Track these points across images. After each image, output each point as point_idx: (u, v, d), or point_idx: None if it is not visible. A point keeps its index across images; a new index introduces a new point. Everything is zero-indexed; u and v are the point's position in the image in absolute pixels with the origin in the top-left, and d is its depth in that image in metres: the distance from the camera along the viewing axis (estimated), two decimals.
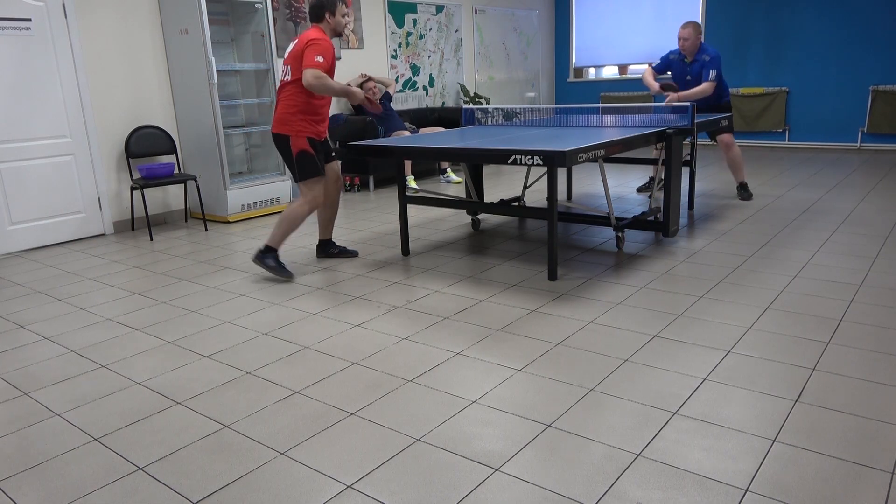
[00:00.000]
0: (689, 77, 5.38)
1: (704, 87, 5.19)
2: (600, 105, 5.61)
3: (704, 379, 2.36)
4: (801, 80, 8.34)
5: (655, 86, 5.39)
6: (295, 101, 3.59)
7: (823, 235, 4.22)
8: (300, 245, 4.60)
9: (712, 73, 5.19)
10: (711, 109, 5.44)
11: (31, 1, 4.65)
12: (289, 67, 3.60)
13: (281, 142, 3.68)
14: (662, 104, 4.89)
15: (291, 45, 3.63)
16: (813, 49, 8.20)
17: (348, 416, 2.21)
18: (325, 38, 3.53)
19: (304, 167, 3.65)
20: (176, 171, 5.53)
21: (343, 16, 3.67)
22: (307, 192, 3.68)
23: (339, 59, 6.69)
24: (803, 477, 1.77)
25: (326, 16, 3.63)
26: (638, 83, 9.59)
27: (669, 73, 5.53)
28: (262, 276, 3.90)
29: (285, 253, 4.39)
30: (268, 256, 3.73)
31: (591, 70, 10.26)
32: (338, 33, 3.71)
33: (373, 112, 3.97)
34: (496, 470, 1.87)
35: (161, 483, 1.88)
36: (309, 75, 3.42)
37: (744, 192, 5.52)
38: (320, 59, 3.45)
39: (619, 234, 4.08)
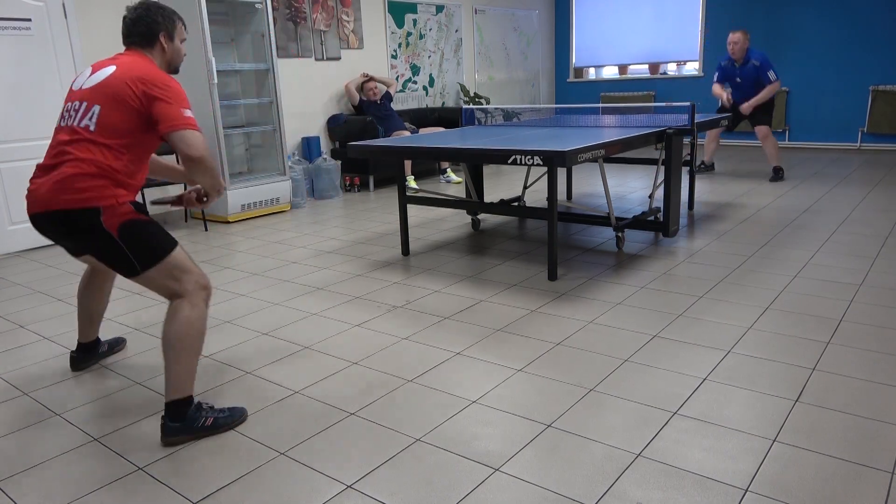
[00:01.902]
0: (738, 79, 6.04)
1: (772, 88, 5.92)
2: (600, 105, 5.61)
3: (704, 379, 2.36)
4: (801, 80, 8.34)
5: (725, 95, 6.19)
6: (109, 162, 2.07)
7: (823, 235, 4.22)
8: (301, 245, 4.60)
9: (772, 74, 5.92)
10: (764, 107, 6.07)
11: (31, 1, 4.65)
12: (94, 110, 2.08)
13: (77, 221, 2.06)
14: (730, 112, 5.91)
15: (89, 73, 2.17)
16: (813, 49, 8.20)
17: (348, 416, 2.21)
18: (170, 77, 2.19)
19: (146, 243, 2.10)
20: None
21: (182, 41, 2.37)
22: (180, 278, 2.11)
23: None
24: (803, 477, 1.77)
25: (161, 39, 2.28)
26: (638, 83, 9.59)
27: (726, 79, 6.22)
28: (262, 276, 3.90)
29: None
30: (192, 417, 2.12)
31: (591, 70, 10.26)
32: (173, 69, 2.38)
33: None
34: (496, 470, 1.87)
35: (161, 483, 1.88)
36: (197, 144, 2.08)
37: (774, 174, 6.22)
38: (190, 113, 2.13)
39: (619, 234, 4.08)
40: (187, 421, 2.11)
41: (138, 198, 2.36)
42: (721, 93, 6.24)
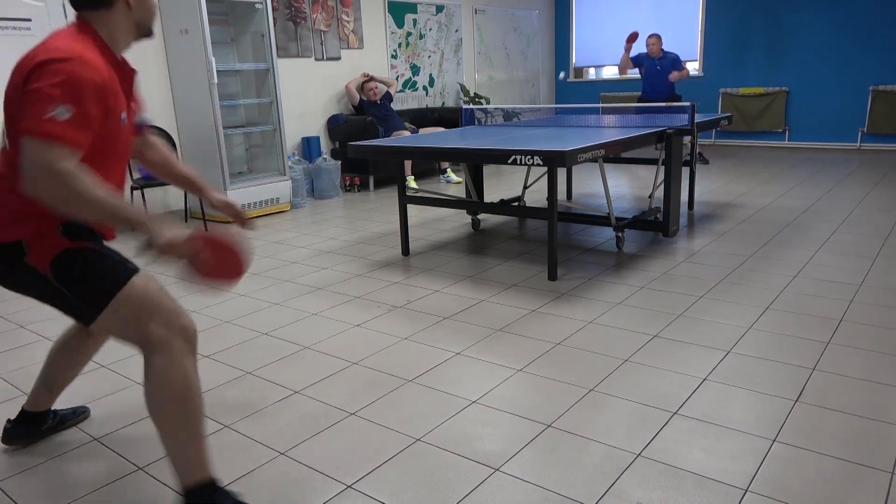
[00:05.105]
0: (659, 68, 7.25)
1: (687, 71, 7.23)
2: (600, 105, 5.62)
3: (704, 379, 2.36)
4: (801, 80, 8.34)
5: (625, 55, 7.24)
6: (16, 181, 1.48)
7: (823, 235, 4.22)
8: (301, 245, 4.60)
9: (684, 63, 7.29)
10: (668, 96, 7.28)
11: (31, 1, 4.65)
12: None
13: (4, 258, 1.57)
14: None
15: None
16: (813, 49, 8.20)
17: (348, 416, 2.21)
18: (76, 58, 1.45)
19: (88, 278, 1.57)
20: None
21: None
22: (143, 321, 1.56)
23: (133, 121, 1.75)
24: (803, 477, 1.77)
25: None
26: (638, 83, 9.58)
27: (639, 67, 7.36)
28: (262, 276, 3.90)
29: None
30: None
31: (591, 70, 10.26)
32: (144, 31, 1.67)
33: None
34: (496, 470, 1.87)
35: (161, 483, 1.88)
36: (40, 160, 1.38)
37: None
38: (63, 112, 1.40)
39: (619, 234, 4.08)
40: None
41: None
42: (626, 63, 7.36)
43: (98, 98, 1.46)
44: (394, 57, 7.59)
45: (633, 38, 7.08)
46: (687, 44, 9.10)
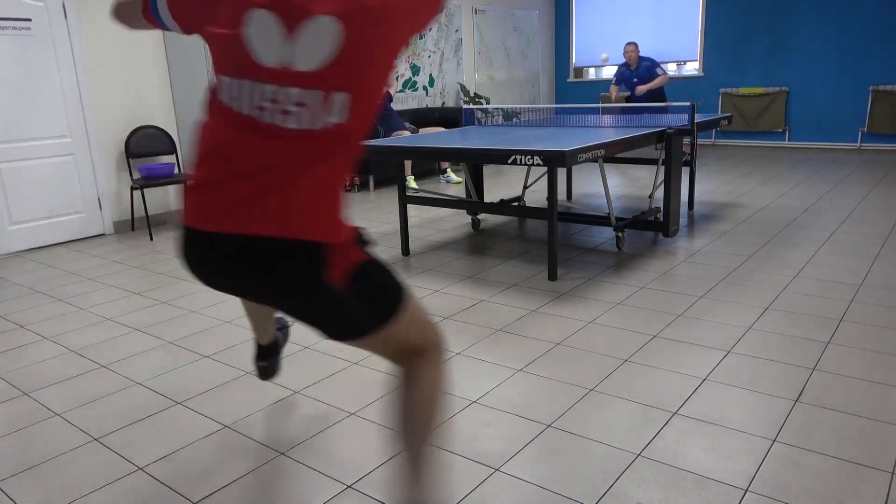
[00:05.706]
0: (635, 79, 7.26)
1: (662, 78, 7.12)
2: (600, 105, 5.62)
3: (704, 379, 2.36)
4: (801, 80, 8.34)
5: (614, 95, 7.66)
6: (344, 166, 1.36)
7: (823, 235, 4.22)
8: None
9: (661, 70, 7.19)
10: (657, 99, 7.27)
11: (31, 1, 4.65)
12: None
13: (300, 261, 1.25)
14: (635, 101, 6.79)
15: None
16: (813, 49, 8.20)
17: (348, 416, 2.21)
18: None
19: (383, 292, 1.38)
20: (176, 171, 5.52)
21: None
22: (425, 334, 1.45)
23: None
24: (803, 477, 1.77)
25: None
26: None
27: (623, 81, 7.42)
28: None
29: None
30: None
31: (591, 70, 10.25)
32: None
33: None
34: (496, 470, 1.87)
35: (161, 483, 1.88)
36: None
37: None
38: None
39: (619, 234, 4.08)
40: None
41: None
42: (613, 92, 7.67)
43: None
44: None
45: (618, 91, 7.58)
46: (687, 44, 9.10)
